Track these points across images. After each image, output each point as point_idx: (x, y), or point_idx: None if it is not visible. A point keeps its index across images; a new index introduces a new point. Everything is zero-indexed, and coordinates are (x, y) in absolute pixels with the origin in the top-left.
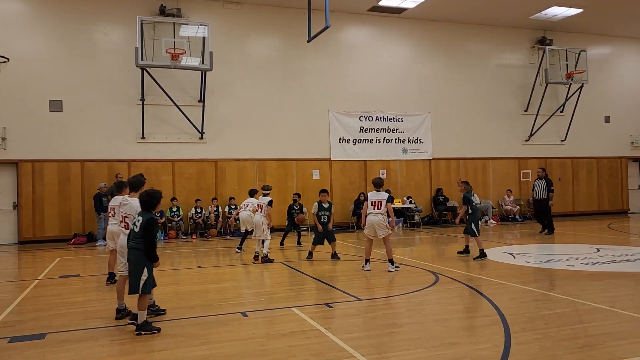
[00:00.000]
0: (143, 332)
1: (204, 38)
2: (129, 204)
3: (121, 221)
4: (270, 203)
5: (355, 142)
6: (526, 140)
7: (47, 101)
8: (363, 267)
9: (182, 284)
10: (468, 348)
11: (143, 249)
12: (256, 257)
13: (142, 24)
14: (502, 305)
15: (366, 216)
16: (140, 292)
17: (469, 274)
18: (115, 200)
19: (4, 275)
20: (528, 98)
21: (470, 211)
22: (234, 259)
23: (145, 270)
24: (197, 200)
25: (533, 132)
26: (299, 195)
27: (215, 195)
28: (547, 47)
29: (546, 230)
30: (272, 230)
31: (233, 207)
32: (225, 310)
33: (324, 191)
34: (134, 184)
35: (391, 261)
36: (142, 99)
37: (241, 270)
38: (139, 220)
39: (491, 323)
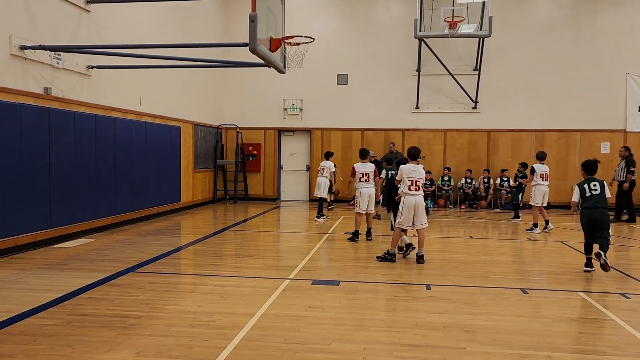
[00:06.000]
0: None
1: (483, 3)
2: (417, 169)
3: (411, 185)
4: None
5: None
6: None
7: (335, 75)
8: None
9: (454, 252)
10: None
11: None
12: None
13: None
14: None
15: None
16: None
17: None
18: (364, 167)
19: (302, 227)
20: None
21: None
22: (502, 233)
23: None
24: (468, 170)
25: None
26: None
27: (487, 166)
28: None
29: (627, 218)
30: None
31: (505, 179)
32: (503, 284)
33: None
34: (414, 154)
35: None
36: (418, 70)
37: (511, 245)
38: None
39: None
